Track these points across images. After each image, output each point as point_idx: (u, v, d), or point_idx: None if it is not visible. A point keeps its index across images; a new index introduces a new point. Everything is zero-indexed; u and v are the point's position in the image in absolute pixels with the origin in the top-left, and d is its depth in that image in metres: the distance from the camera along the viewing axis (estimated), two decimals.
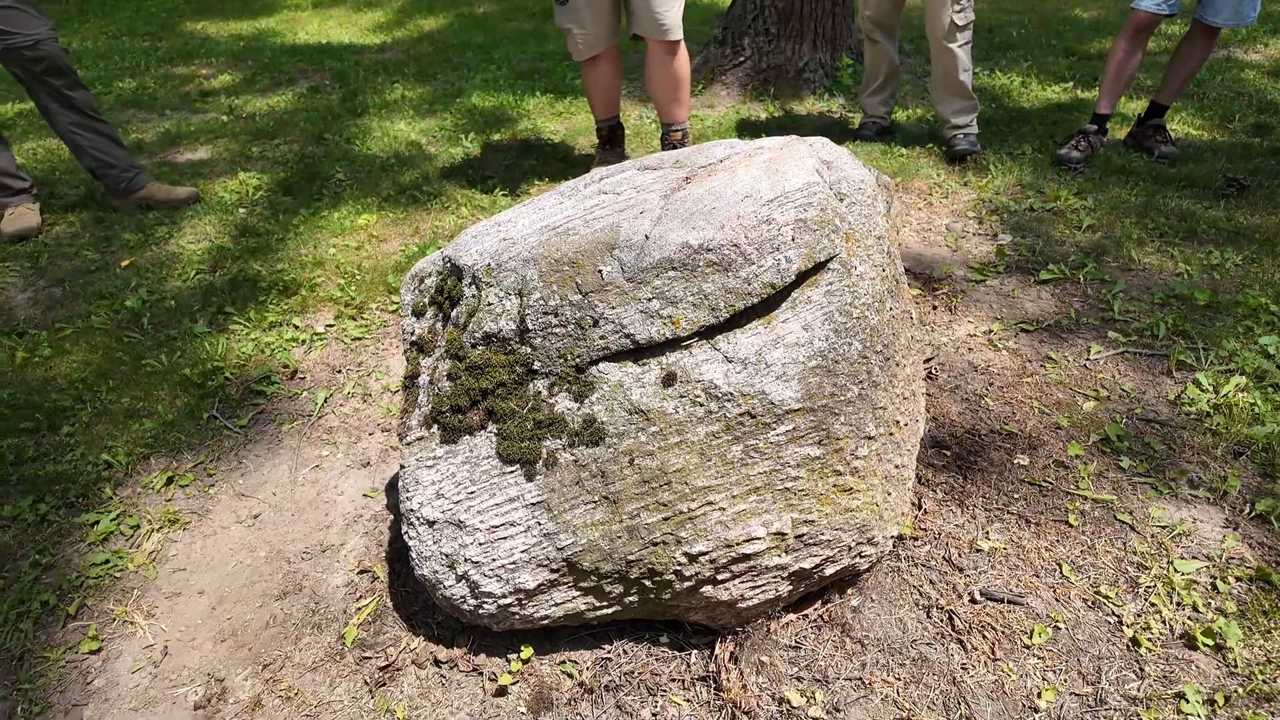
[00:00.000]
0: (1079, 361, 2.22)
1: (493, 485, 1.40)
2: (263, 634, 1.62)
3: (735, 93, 4.56)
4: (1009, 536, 1.71)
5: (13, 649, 1.59)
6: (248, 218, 3.23)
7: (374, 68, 5.29)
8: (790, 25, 4.46)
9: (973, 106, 3.43)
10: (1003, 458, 1.90)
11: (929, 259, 2.79)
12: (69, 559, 1.77)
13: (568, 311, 1.35)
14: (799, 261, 1.32)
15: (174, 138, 4.21)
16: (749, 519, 1.34)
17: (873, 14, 3.45)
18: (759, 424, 1.33)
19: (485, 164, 3.66)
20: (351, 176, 3.58)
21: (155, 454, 2.04)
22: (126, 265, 2.90)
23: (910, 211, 3.13)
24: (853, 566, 1.48)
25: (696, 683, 1.47)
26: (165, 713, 1.49)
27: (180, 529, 1.85)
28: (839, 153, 1.54)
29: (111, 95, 4.97)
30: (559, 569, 1.39)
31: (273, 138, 4.16)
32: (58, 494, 1.91)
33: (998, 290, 2.59)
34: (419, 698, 1.49)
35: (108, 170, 3.18)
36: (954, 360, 2.24)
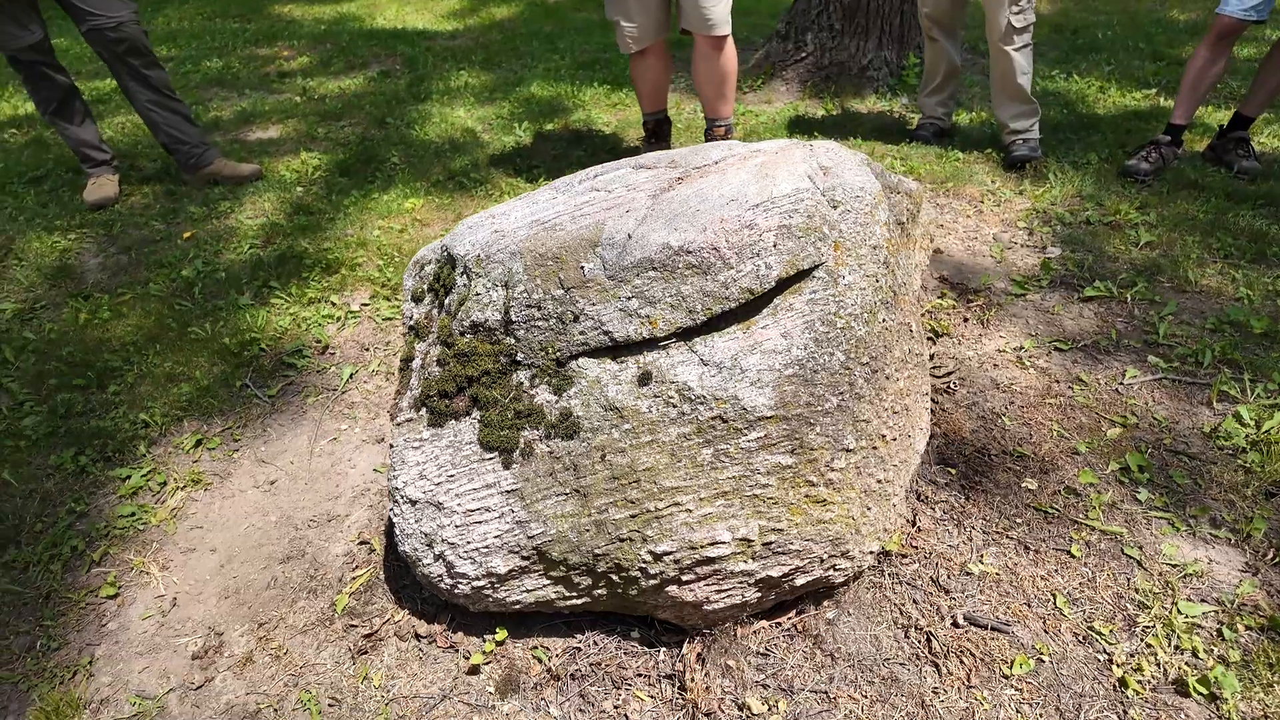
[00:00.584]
0: (1111, 385, 2.12)
1: (472, 470, 1.44)
2: (263, 594, 1.71)
3: (794, 89, 4.49)
4: (1004, 562, 1.65)
5: (41, 588, 1.72)
6: (304, 196, 3.37)
7: (443, 54, 5.41)
8: (855, 22, 4.36)
9: (1033, 111, 3.29)
10: (1010, 480, 1.84)
11: (970, 269, 2.70)
12: (100, 509, 1.90)
13: (550, 306, 1.37)
14: (779, 268, 1.31)
15: (249, 116, 4.42)
16: (715, 523, 1.34)
17: (930, 11, 3.35)
18: (730, 429, 1.32)
19: (534, 153, 3.72)
20: (405, 160, 3.69)
21: (189, 416, 2.17)
22: (188, 237, 3.07)
23: (957, 219, 3.03)
24: (826, 579, 1.47)
25: (662, 680, 1.48)
26: (166, 660, 1.59)
27: (202, 489, 1.97)
28: (842, 158, 1.51)
29: (199, 74, 5.24)
30: (529, 557, 1.42)
31: (339, 119, 4.32)
32: (97, 448, 2.05)
33: (1037, 305, 2.49)
34: (396, 668, 1.55)
35: (179, 146, 3.37)
36: (976, 376, 2.17)
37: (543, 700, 1.47)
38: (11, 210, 3.35)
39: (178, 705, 1.51)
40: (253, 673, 1.56)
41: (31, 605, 1.69)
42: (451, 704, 1.48)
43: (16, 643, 1.62)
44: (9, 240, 3.10)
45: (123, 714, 1.49)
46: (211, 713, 1.50)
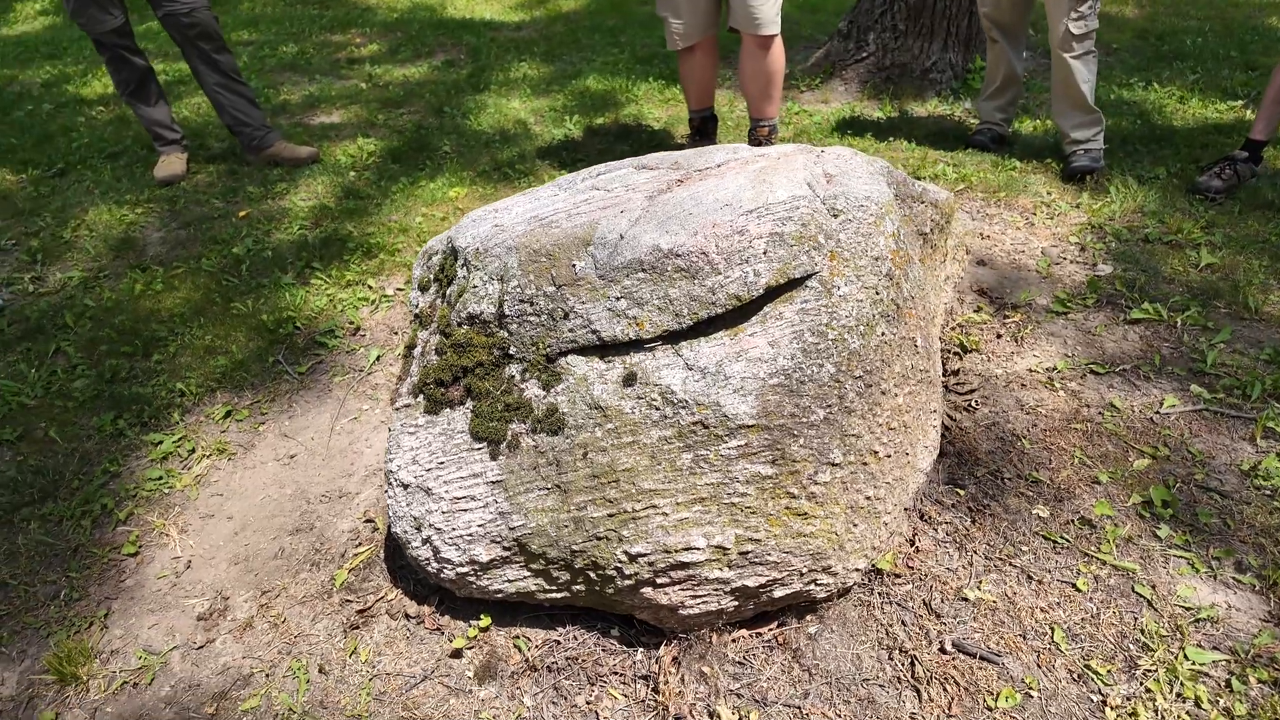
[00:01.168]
0: (1146, 413, 2.01)
1: (460, 459, 1.47)
2: (270, 563, 1.79)
3: (854, 89, 4.40)
4: (1004, 590, 1.60)
5: (71, 541, 1.84)
6: (356, 181, 3.47)
7: (507, 45, 5.49)
8: (920, 22, 4.24)
9: (1095, 120, 3.14)
10: (1021, 505, 1.77)
11: (1012, 283, 2.61)
12: (132, 470, 2.02)
13: (542, 302, 1.39)
14: (768, 276, 1.29)
15: (315, 101, 4.58)
16: (690, 528, 1.34)
17: (990, 11, 3.22)
18: (711, 435, 1.32)
19: (581, 147, 3.74)
20: (456, 149, 3.76)
21: (222, 388, 2.27)
22: (243, 215, 3.20)
23: (1006, 230, 2.92)
24: (806, 593, 1.45)
25: (637, 680, 1.49)
26: (174, 618, 1.68)
27: (226, 458, 2.06)
28: (851, 166, 1.48)
29: (275, 59, 5.45)
30: (510, 548, 1.45)
31: (399, 107, 4.43)
32: (135, 413, 2.17)
33: (1079, 325, 2.38)
34: (384, 645, 1.60)
35: (242, 128, 3.52)
36: (1000, 395, 2.09)
37: (518, 689, 1.49)
38: (90, 183, 3.56)
39: (179, 662, 1.59)
40: (251, 638, 1.63)
41: (61, 557, 1.80)
42: (431, 685, 1.52)
43: (43, 591, 1.73)
44: (83, 211, 3.29)
45: (129, 666, 1.58)
46: (209, 672, 1.57)
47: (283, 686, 1.53)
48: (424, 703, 1.49)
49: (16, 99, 4.77)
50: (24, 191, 3.52)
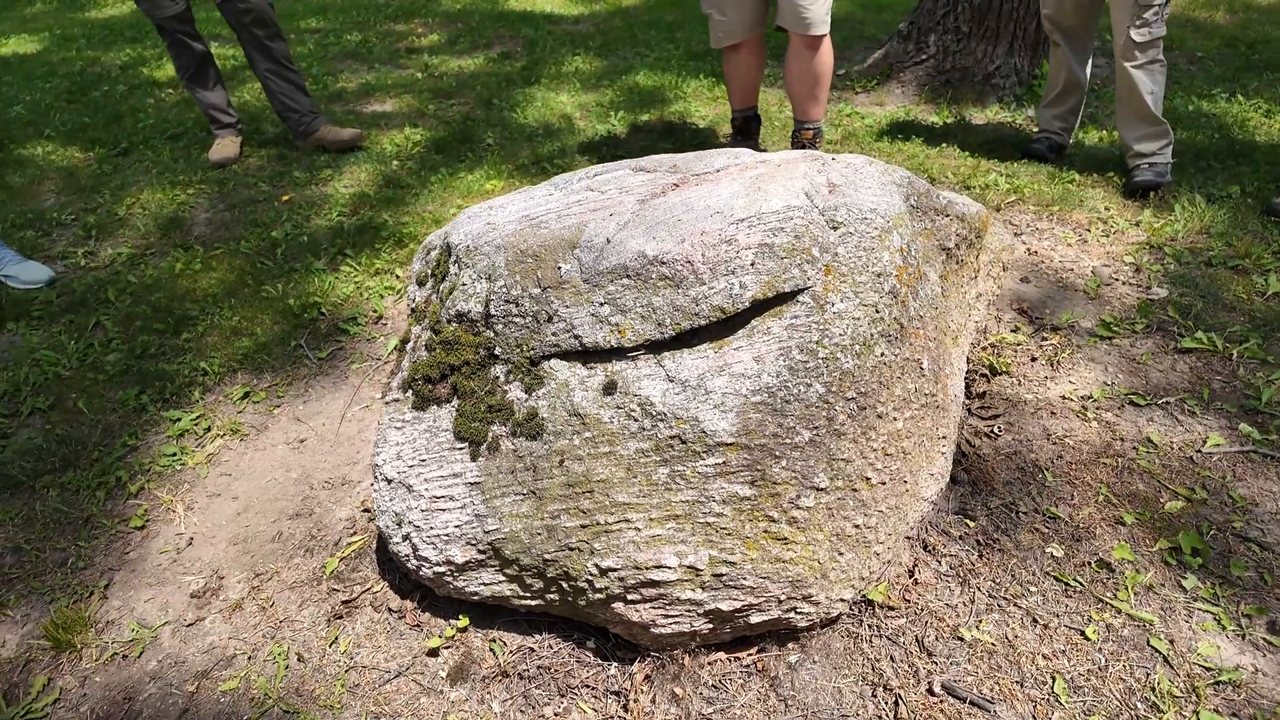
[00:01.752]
0: (1186, 452, 1.87)
1: (442, 458, 1.46)
2: (266, 546, 1.81)
3: (911, 92, 4.25)
4: (1005, 632, 1.50)
5: (85, 511, 1.90)
6: (398, 170, 3.52)
7: (563, 38, 5.49)
8: (985, 24, 4.06)
9: (1161, 133, 2.94)
10: (1035, 542, 1.66)
11: (1056, 302, 2.47)
12: (149, 446, 2.07)
13: (527, 303, 1.36)
14: (755, 289, 1.23)
15: (371, 89, 4.66)
16: (662, 545, 1.29)
17: (1051, 12, 3.06)
18: (689, 450, 1.27)
19: (623, 143, 3.71)
20: (499, 142, 3.77)
21: (243, 370, 2.32)
22: (286, 200, 3.27)
23: (1056, 246, 2.77)
24: (786, 621, 1.38)
25: (608, 695, 1.45)
26: (169, 594, 1.71)
27: (239, 439, 2.10)
28: (860, 176, 1.40)
29: (339, 46, 5.57)
30: (485, 551, 1.42)
31: (450, 98, 4.47)
32: (158, 389, 2.23)
33: (1123, 352, 2.23)
34: (364, 638, 1.60)
35: (290, 113, 3.60)
36: (1026, 422, 1.98)
37: (489, 694, 1.47)
38: (149, 163, 3.69)
39: (169, 638, 1.62)
40: (239, 619, 1.66)
41: (74, 525, 1.87)
42: (405, 681, 1.51)
43: (52, 557, 1.79)
44: (139, 190, 3.42)
45: (122, 638, 1.62)
46: (195, 650, 1.60)
47: (262, 670, 1.55)
48: (395, 699, 1.49)
49: (96, 80, 4.99)
50: (89, 169, 3.67)
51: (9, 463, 2.01)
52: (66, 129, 4.12)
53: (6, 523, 1.87)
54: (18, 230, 3.12)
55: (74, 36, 6.17)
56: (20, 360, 2.38)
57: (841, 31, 5.29)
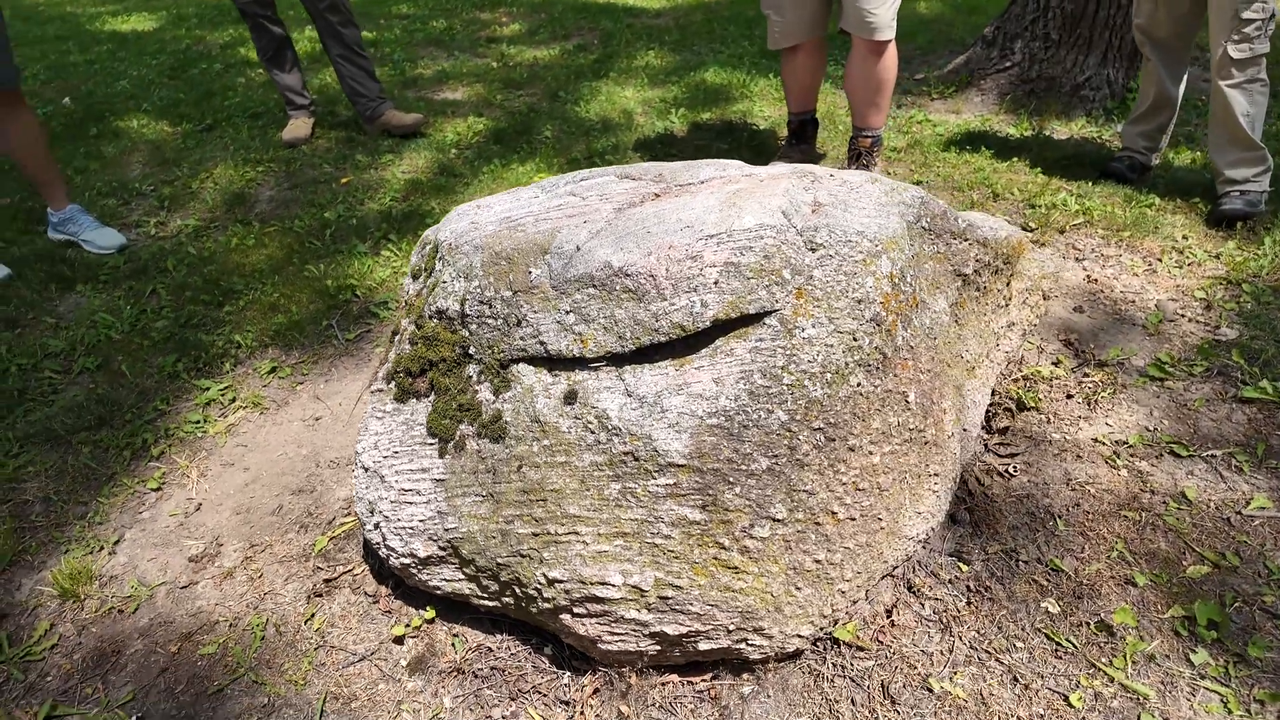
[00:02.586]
0: (1224, 512, 1.71)
1: (413, 451, 1.47)
2: (266, 518, 1.88)
3: (991, 101, 4.04)
4: (980, 688, 1.41)
5: (109, 469, 2.02)
6: (454, 159, 3.58)
7: (640, 32, 5.47)
8: (1077, 32, 3.81)
9: (1258, 159, 2.69)
10: (1031, 595, 1.55)
11: (1108, 336, 2.30)
12: (177, 412, 2.18)
13: (499, 305, 1.35)
14: (717, 308, 1.19)
15: (446, 77, 4.77)
16: (608, 562, 1.27)
17: (1144, 22, 2.84)
18: (641, 468, 1.24)
19: (678, 142, 3.67)
20: (556, 135, 3.79)
21: (274, 345, 2.41)
22: (345, 182, 3.39)
23: (1120, 275, 2.58)
24: (737, 651, 1.34)
25: (556, 704, 1.44)
26: (171, 556, 1.80)
27: (259, 412, 2.19)
28: (855, 196, 1.33)
29: (423, 33, 5.73)
30: (445, 548, 1.43)
31: (519, 88, 4.53)
32: (193, 358, 2.35)
33: (1175, 395, 2.06)
34: (338, 618, 1.64)
35: (358, 98, 3.72)
36: (1047, 465, 1.85)
37: (442, 688, 1.48)
38: (228, 140, 3.89)
39: (163, 598, 1.71)
40: (229, 587, 1.73)
41: (98, 482, 1.99)
42: (368, 666, 1.54)
43: (74, 510, 1.91)
44: (214, 165, 3.60)
45: (121, 593, 1.72)
46: (184, 613, 1.68)
47: (240, 639, 1.61)
48: (355, 681, 1.52)
49: (197, 58, 5.28)
50: (174, 143, 3.89)
51: (53, 417, 2.16)
52: (162, 104, 4.38)
53: (41, 473, 2.00)
54: (102, 198, 3.34)
55: (187, 16, 6.56)
56: (80, 320, 2.55)
57: (928, 34, 5.08)
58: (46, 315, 2.59)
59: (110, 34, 6.06)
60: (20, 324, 2.55)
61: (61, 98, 4.51)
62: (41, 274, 2.78)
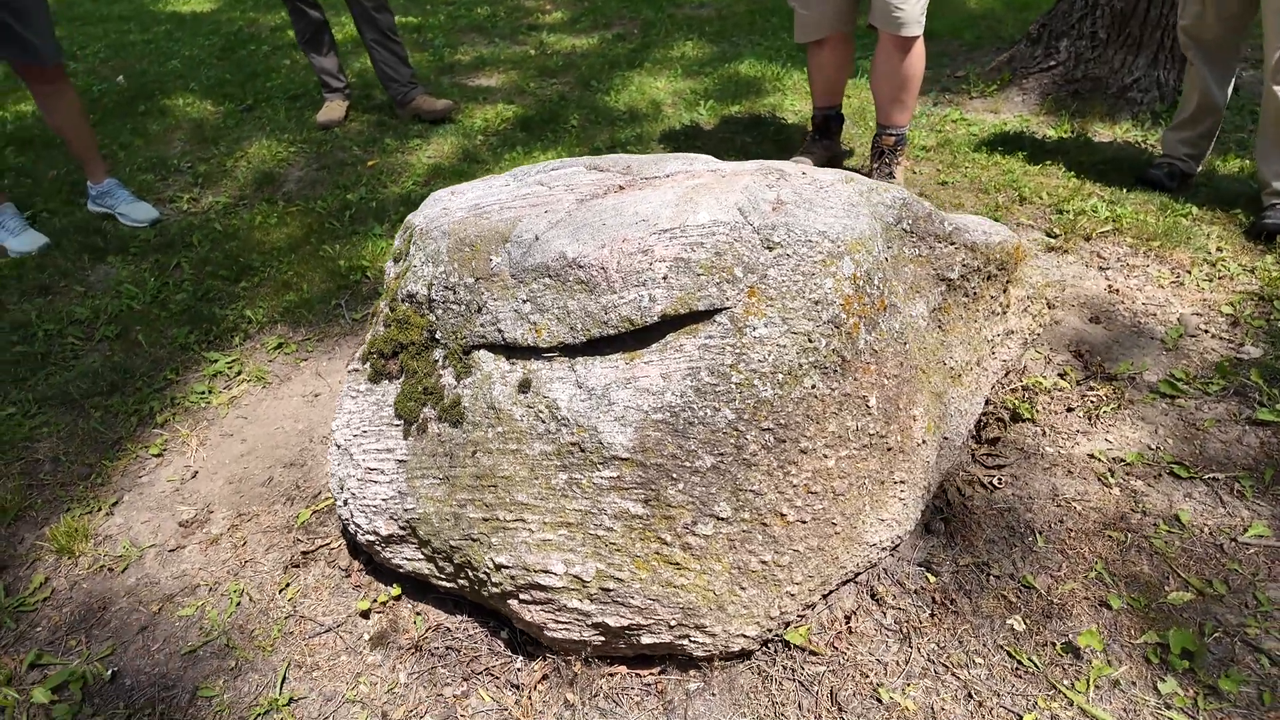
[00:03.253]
0: (1218, 538, 1.64)
1: (380, 432, 1.50)
2: (256, 489, 1.94)
3: (1032, 101, 3.91)
4: (932, 702, 1.38)
5: (116, 433, 2.10)
6: (479, 145, 3.62)
7: (681, 22, 5.44)
8: (1126, 31, 3.66)
9: None
10: (998, 611, 1.51)
11: (1122, 349, 2.21)
12: (184, 382, 2.27)
13: (462, 292, 1.37)
14: (665, 303, 1.18)
15: (483, 63, 4.81)
16: (551, 550, 1.28)
17: (1189, 24, 2.71)
18: (586, 460, 1.24)
19: (702, 134, 3.64)
20: (582, 124, 3.80)
21: (283, 322, 2.48)
22: (371, 165, 3.45)
23: (1144, 286, 2.48)
24: (680, 647, 1.34)
25: (506, 688, 1.46)
26: (163, 520, 1.87)
27: (262, 386, 2.26)
28: (822, 195, 1.31)
29: (467, 19, 5.79)
30: (405, 528, 1.46)
31: (553, 77, 4.55)
32: (205, 331, 2.43)
33: (1184, 414, 1.98)
34: (310, 589, 1.69)
35: (390, 82, 3.78)
36: (1035, 479, 1.79)
37: (400, 664, 1.52)
38: (266, 120, 4.00)
39: (151, 560, 1.78)
40: (213, 553, 1.79)
41: (105, 445, 2.07)
42: (333, 637, 1.59)
43: (78, 471, 2.00)
44: (249, 144, 3.71)
45: (113, 552, 1.79)
46: (169, 575, 1.74)
47: (217, 604, 1.67)
48: (319, 652, 1.56)
49: (247, 39, 5.44)
50: (215, 121, 4.02)
51: (70, 381, 2.26)
52: (208, 83, 4.52)
53: (54, 434, 2.10)
54: (141, 173, 3.47)
55: None
56: (107, 290, 2.66)
57: (975, 30, 4.94)
58: (77, 284, 2.70)
59: (170, 15, 6.27)
60: (52, 291, 2.68)
61: (116, 75, 4.69)
62: (77, 244, 2.90)
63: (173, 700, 1.50)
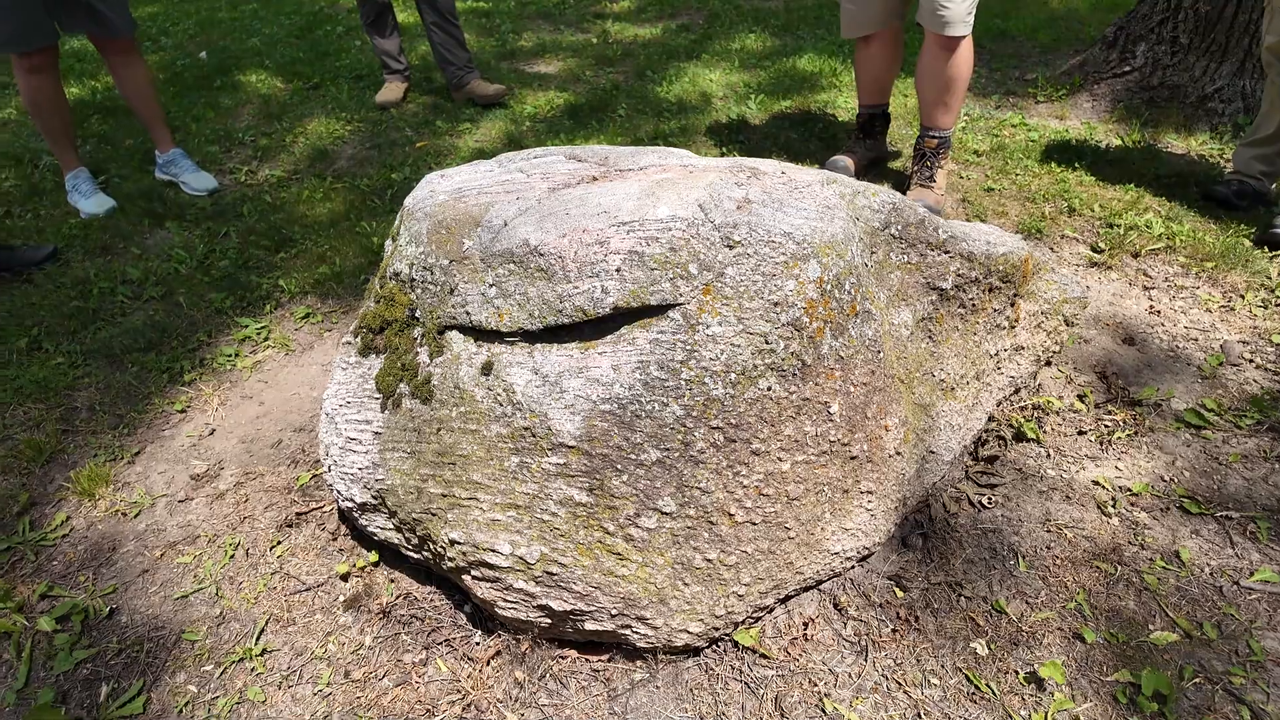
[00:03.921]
0: (1218, 579, 1.55)
1: (362, 403, 1.56)
2: (265, 450, 2.04)
3: (1102, 108, 3.72)
4: (878, 718, 1.35)
5: (146, 389, 2.24)
6: (524, 131, 3.67)
7: (747, 14, 5.38)
8: (1210, 37, 3.44)
9: None
10: (963, 632, 1.47)
11: (1153, 373, 2.10)
12: (215, 344, 2.39)
13: (437, 273, 1.41)
14: (617, 295, 1.19)
15: (544, 50, 4.87)
16: (499, 531, 1.31)
17: (1276, 41, 2.53)
18: (536, 445, 1.26)
19: (748, 128, 3.60)
20: (629, 114, 3.81)
21: (313, 293, 2.59)
22: (420, 146, 3.55)
23: (1189, 309, 2.35)
24: (623, 636, 1.35)
25: (463, 660, 1.50)
26: (177, 472, 1.99)
27: (285, 353, 2.36)
28: (793, 196, 1.29)
29: (535, 5, 5.86)
30: (376, 498, 1.52)
31: (610, 65, 4.57)
32: (240, 297, 2.56)
33: (1208, 447, 1.87)
34: (299, 548, 1.77)
35: (447, 66, 3.87)
36: (1029, 502, 1.73)
37: (368, 627, 1.58)
38: (329, 98, 4.15)
39: (161, 509, 1.89)
40: (218, 507, 1.89)
41: (136, 398, 2.21)
42: (311, 596, 1.66)
43: (109, 420, 2.14)
44: (309, 121, 3.86)
45: (129, 499, 1.92)
46: (175, 524, 1.85)
47: (212, 555, 1.77)
48: (297, 609, 1.64)
49: (324, 20, 5.64)
50: (283, 98, 4.20)
51: (115, 337, 2.41)
52: (282, 61, 4.72)
53: (93, 385, 2.25)
54: (208, 144, 3.66)
55: None
56: (160, 253, 2.82)
57: (1053, 31, 4.72)
58: (134, 246, 2.88)
59: None
60: (112, 251, 2.86)
61: (200, 51, 4.94)
62: (140, 209, 3.09)
63: (160, 640, 1.60)
